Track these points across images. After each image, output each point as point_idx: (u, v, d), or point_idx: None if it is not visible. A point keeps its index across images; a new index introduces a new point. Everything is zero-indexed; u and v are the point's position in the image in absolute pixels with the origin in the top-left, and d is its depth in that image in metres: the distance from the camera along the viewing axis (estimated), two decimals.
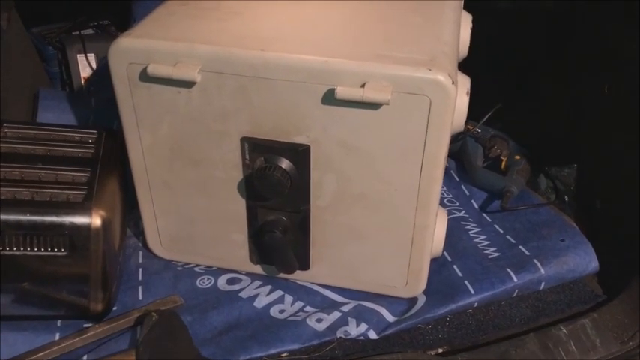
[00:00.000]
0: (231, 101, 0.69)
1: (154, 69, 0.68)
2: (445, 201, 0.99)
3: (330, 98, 0.66)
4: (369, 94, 0.64)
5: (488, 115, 1.00)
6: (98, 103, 1.03)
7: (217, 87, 0.68)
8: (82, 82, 1.17)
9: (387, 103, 0.64)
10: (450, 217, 0.94)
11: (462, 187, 1.02)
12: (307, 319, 0.77)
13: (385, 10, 0.77)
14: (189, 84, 0.69)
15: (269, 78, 0.67)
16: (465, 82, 0.70)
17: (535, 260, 0.83)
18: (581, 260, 0.83)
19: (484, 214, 0.96)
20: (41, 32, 1.25)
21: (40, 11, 1.23)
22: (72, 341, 0.72)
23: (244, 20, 0.73)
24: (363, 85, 0.64)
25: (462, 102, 0.68)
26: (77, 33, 1.21)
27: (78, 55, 1.17)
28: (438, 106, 0.64)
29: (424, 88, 0.63)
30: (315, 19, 0.75)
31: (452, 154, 1.06)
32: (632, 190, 0.88)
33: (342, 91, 0.64)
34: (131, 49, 0.69)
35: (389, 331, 0.76)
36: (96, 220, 0.70)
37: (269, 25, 0.72)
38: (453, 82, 0.63)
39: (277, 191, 0.72)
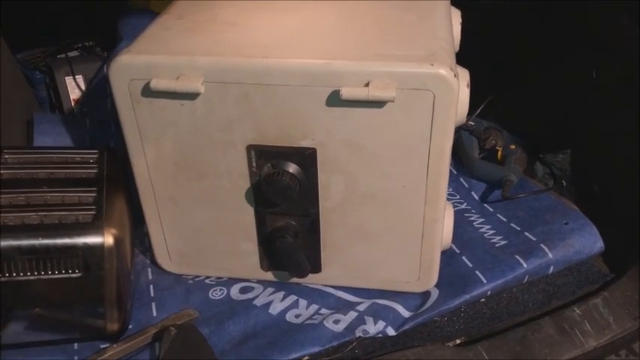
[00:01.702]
0: (235, 110, 0.70)
1: (156, 84, 0.68)
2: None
3: (334, 100, 0.67)
4: (374, 93, 0.64)
5: (482, 107, 1.02)
6: (93, 123, 1.02)
7: (220, 97, 0.69)
8: (72, 104, 1.16)
9: (392, 101, 0.65)
10: (454, 209, 0.95)
11: (461, 179, 1.03)
12: (324, 322, 0.77)
13: (378, 10, 0.79)
14: (192, 96, 0.69)
15: (272, 84, 0.67)
16: (464, 75, 0.71)
17: (542, 245, 0.84)
18: (587, 241, 0.85)
19: (485, 205, 0.97)
20: (26, 57, 1.24)
21: (24, 36, 1.22)
22: None
23: (241, 30, 0.74)
24: (366, 85, 0.65)
25: (464, 94, 0.69)
26: (63, 56, 1.21)
27: (66, 78, 1.16)
28: (442, 100, 0.65)
29: (428, 83, 0.64)
30: (310, 24, 0.75)
31: None
32: (626, 169, 0.90)
33: (347, 92, 0.65)
34: (132, 65, 0.69)
35: (406, 327, 0.77)
36: (109, 239, 0.70)
37: (267, 32, 0.73)
38: (455, 76, 0.64)
39: (287, 196, 0.72)
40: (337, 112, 0.68)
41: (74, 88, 1.17)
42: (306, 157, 0.72)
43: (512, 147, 1.01)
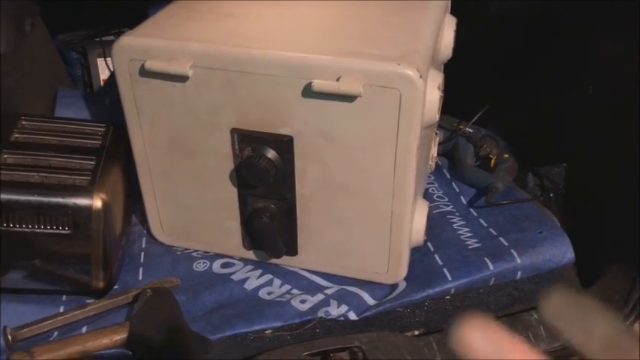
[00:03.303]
0: (221, 95, 0.75)
1: (151, 64, 0.74)
2: (435, 196, 1.03)
3: (309, 91, 0.71)
4: (343, 87, 0.69)
5: (479, 114, 1.05)
6: (112, 101, 1.10)
7: (208, 81, 0.75)
8: (101, 83, 1.25)
9: (360, 95, 0.69)
10: (438, 211, 0.99)
11: (453, 184, 1.06)
12: (292, 300, 0.82)
13: (368, 10, 0.83)
14: (182, 78, 0.75)
15: (254, 73, 0.72)
16: (436, 77, 0.74)
17: (512, 250, 0.86)
18: (558, 251, 0.86)
19: (471, 209, 1.00)
20: (66, 38, 1.34)
21: (66, 19, 1.32)
22: (74, 313, 0.79)
23: (235, 21, 0.80)
24: (338, 79, 0.69)
25: (433, 96, 0.73)
26: (98, 39, 1.30)
27: (98, 59, 1.26)
28: (408, 99, 0.69)
29: (394, 81, 0.68)
30: (300, 19, 0.81)
31: (444, 153, 1.11)
32: (617, 186, 0.90)
33: (318, 84, 0.70)
34: (131, 46, 0.76)
35: (368, 313, 0.81)
36: (97, 202, 0.77)
37: (257, 24, 0.79)
38: (421, 77, 0.68)
39: (263, 179, 0.77)
40: (313, 103, 0.73)
41: (104, 69, 1.26)
42: (284, 144, 0.77)
43: (506, 156, 1.03)
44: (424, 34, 0.78)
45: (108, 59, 1.25)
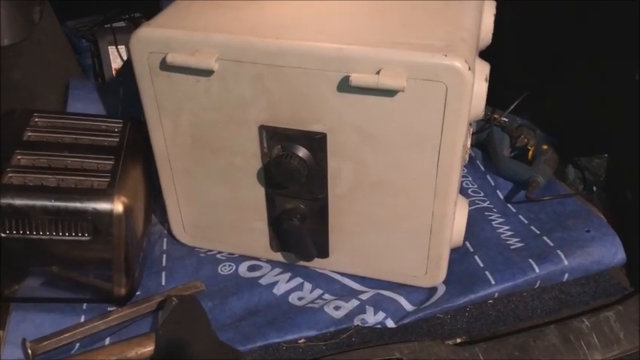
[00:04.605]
0: (249, 89, 0.70)
1: (172, 58, 0.69)
2: (469, 191, 0.98)
3: (345, 86, 0.66)
4: (384, 81, 0.63)
5: (515, 103, 0.99)
6: (126, 93, 1.05)
7: (234, 75, 0.69)
8: (113, 72, 1.19)
9: (403, 90, 0.64)
10: (474, 207, 0.93)
11: (488, 177, 1.01)
12: (325, 307, 0.77)
13: None
14: (207, 72, 0.70)
15: (284, 66, 0.67)
16: (483, 68, 0.68)
17: (559, 251, 0.81)
18: (607, 252, 0.81)
19: (509, 205, 0.94)
20: (75, 25, 1.28)
21: (75, 5, 1.26)
22: (96, 324, 0.74)
23: (261, 9, 0.74)
24: (378, 72, 0.64)
25: (480, 88, 0.67)
26: (109, 25, 1.24)
27: (109, 47, 1.20)
28: (455, 93, 0.63)
29: (440, 74, 0.63)
30: (332, 7, 0.74)
31: (478, 144, 1.05)
32: None
33: (356, 78, 0.64)
34: (151, 38, 0.70)
35: (406, 321, 0.76)
36: (118, 207, 0.72)
37: (285, 13, 0.73)
38: (469, 68, 0.62)
39: (294, 179, 0.72)
40: (349, 98, 0.67)
41: (116, 57, 1.20)
42: (316, 142, 0.71)
43: (545, 147, 0.97)
44: (467, 21, 0.72)
45: (120, 47, 1.19)
